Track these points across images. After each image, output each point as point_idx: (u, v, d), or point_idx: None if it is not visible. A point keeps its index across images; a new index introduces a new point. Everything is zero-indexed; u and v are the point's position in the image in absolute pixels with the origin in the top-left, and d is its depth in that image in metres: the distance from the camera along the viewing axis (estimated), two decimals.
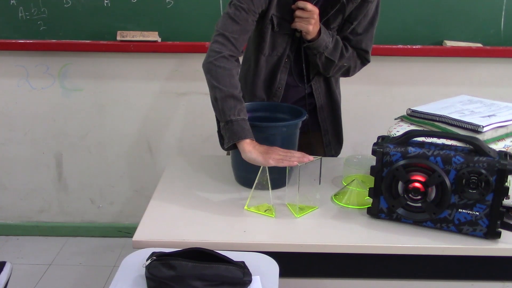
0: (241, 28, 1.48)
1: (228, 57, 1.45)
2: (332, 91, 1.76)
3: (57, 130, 2.58)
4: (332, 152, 1.83)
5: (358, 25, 1.62)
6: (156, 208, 1.41)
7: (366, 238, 1.27)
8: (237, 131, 1.37)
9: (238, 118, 1.37)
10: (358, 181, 1.45)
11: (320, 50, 1.58)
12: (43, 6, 2.30)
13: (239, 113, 1.38)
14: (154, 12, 2.30)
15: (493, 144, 1.33)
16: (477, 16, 2.29)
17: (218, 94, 1.41)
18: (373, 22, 1.64)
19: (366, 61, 1.71)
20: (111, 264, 2.52)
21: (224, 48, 1.46)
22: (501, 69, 2.42)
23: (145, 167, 2.66)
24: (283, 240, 1.26)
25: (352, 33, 1.63)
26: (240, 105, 1.40)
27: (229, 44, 1.46)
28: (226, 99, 1.39)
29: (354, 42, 1.65)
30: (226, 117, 1.38)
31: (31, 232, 2.77)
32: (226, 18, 1.49)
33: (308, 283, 1.32)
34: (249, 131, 1.38)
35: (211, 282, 1.04)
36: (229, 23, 1.48)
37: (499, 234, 1.23)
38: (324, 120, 1.78)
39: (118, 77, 2.48)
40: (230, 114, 1.38)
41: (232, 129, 1.37)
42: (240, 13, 1.48)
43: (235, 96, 1.40)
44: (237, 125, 1.37)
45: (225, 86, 1.41)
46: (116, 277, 1.10)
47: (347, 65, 1.66)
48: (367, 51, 1.68)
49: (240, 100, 1.41)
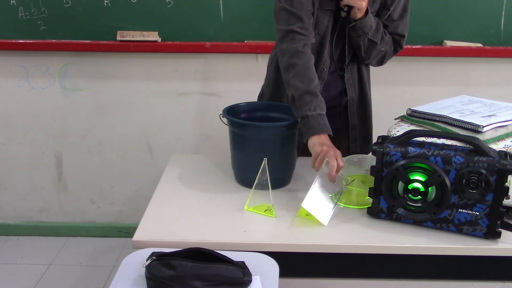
0: (302, 14, 1.48)
1: (302, 49, 1.46)
2: (363, 84, 1.74)
3: (57, 130, 2.58)
4: (358, 149, 1.78)
5: (394, 11, 1.62)
6: (156, 208, 1.41)
7: (366, 238, 1.27)
8: (313, 127, 1.39)
9: (314, 114, 1.40)
10: (358, 181, 1.45)
11: (365, 30, 1.56)
12: (43, 6, 2.30)
13: (315, 109, 1.40)
14: (154, 12, 2.30)
15: (493, 144, 1.33)
16: (477, 16, 2.29)
17: (294, 92, 1.44)
18: (406, 9, 1.64)
19: (399, 48, 1.71)
20: (111, 264, 2.52)
21: (294, 42, 1.47)
22: (501, 69, 2.42)
23: (145, 167, 2.66)
24: (283, 240, 1.26)
25: (388, 19, 1.64)
26: (316, 100, 1.41)
27: (299, 36, 1.47)
28: (303, 96, 1.42)
29: (391, 27, 1.65)
30: (303, 112, 1.41)
31: (31, 232, 2.77)
32: (284, 12, 1.49)
33: (308, 283, 1.32)
34: (325, 125, 1.40)
35: (211, 282, 1.04)
36: (289, 17, 1.49)
37: (499, 234, 1.23)
38: (352, 114, 1.75)
39: (118, 77, 2.48)
40: (306, 109, 1.40)
41: (309, 124, 1.40)
42: (291, 0, 1.48)
43: (311, 91, 1.42)
44: (314, 121, 1.39)
45: (301, 81, 1.43)
46: (116, 277, 1.10)
47: (384, 50, 1.66)
48: (403, 35, 1.68)
49: (316, 95, 1.42)
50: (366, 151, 1.80)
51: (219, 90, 2.48)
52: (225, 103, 1.64)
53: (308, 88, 1.42)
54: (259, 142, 1.46)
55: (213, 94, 2.49)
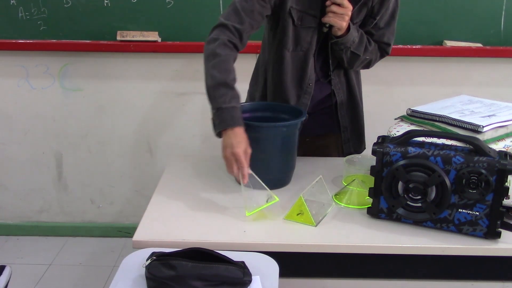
0: (244, 19, 1.47)
1: (227, 43, 1.44)
2: (351, 86, 1.73)
3: (57, 130, 2.58)
4: (351, 149, 1.78)
5: (380, 19, 1.61)
6: (156, 208, 1.41)
7: (366, 238, 1.27)
8: (225, 119, 1.36)
9: (228, 106, 1.37)
10: (358, 181, 1.45)
11: (347, 46, 1.56)
12: (43, 6, 2.30)
13: (230, 101, 1.38)
14: (154, 12, 2.30)
15: (493, 144, 1.33)
16: (477, 16, 2.29)
17: (209, 81, 1.41)
18: (394, 16, 1.63)
19: (386, 54, 1.70)
20: (111, 264, 2.52)
21: (222, 35, 1.45)
22: (501, 69, 2.42)
23: (145, 167, 2.66)
24: (283, 240, 1.26)
25: (375, 27, 1.63)
26: (231, 92, 1.39)
27: (228, 32, 1.46)
28: (218, 86, 1.39)
29: (377, 36, 1.65)
30: (217, 104, 1.38)
31: (31, 232, 2.77)
32: (231, 8, 1.49)
33: (308, 283, 1.32)
34: (238, 119, 1.37)
35: (211, 282, 1.04)
36: (232, 14, 1.48)
37: (499, 234, 1.23)
38: (343, 117, 1.75)
39: (118, 77, 2.48)
40: (220, 101, 1.38)
41: (222, 116, 1.37)
42: (247, 3, 1.47)
43: (227, 83, 1.39)
44: (227, 113, 1.37)
45: (219, 72, 1.40)
46: (116, 277, 1.10)
47: (369, 58, 1.66)
48: (389, 44, 1.67)
49: (231, 87, 1.40)
50: (359, 150, 1.81)
51: None
52: None
53: (224, 79, 1.39)
54: (259, 142, 1.46)
55: None
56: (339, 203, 1.43)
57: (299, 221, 1.32)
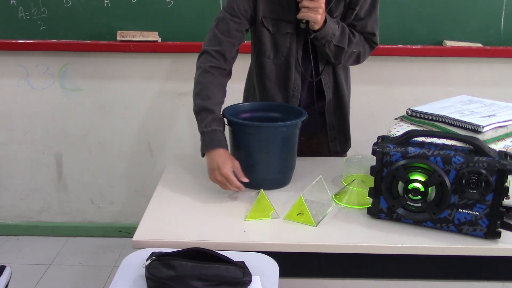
0: (222, 40, 1.54)
1: (208, 69, 1.53)
2: (339, 85, 1.73)
3: (57, 130, 2.58)
4: (337, 148, 1.80)
5: (360, 9, 1.61)
6: (156, 208, 1.41)
7: (366, 238, 1.27)
8: (207, 142, 1.45)
9: (209, 130, 1.45)
10: (358, 181, 1.45)
11: (328, 39, 1.56)
12: (43, 6, 2.30)
13: (210, 124, 1.45)
14: (154, 12, 2.30)
15: (493, 144, 1.33)
16: (477, 16, 2.29)
17: (194, 108, 1.51)
18: (374, 4, 1.63)
19: (374, 44, 1.69)
20: (111, 264, 2.52)
21: (204, 62, 1.54)
22: (501, 69, 2.42)
23: (145, 167, 2.66)
24: (283, 240, 1.26)
25: (356, 19, 1.63)
26: (211, 116, 1.46)
27: (209, 57, 1.54)
28: (200, 112, 1.49)
29: (359, 27, 1.64)
30: (200, 128, 1.47)
31: (31, 232, 2.77)
32: (210, 34, 1.58)
33: (308, 283, 1.32)
34: (219, 141, 1.44)
35: (211, 282, 1.04)
36: (211, 39, 1.56)
37: (499, 234, 1.23)
38: (330, 115, 1.76)
39: (118, 77, 2.48)
40: (202, 125, 1.47)
41: (204, 140, 1.46)
42: (222, 24, 1.55)
43: (207, 108, 1.47)
44: (208, 136, 1.45)
45: (201, 99, 1.49)
46: (116, 277, 1.10)
47: (356, 51, 1.65)
48: (373, 33, 1.67)
49: (211, 111, 1.47)
50: (346, 148, 1.84)
51: None
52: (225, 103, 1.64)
53: (204, 105, 1.48)
54: (259, 142, 1.46)
55: None
56: (339, 203, 1.43)
57: (299, 221, 1.33)
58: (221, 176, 1.40)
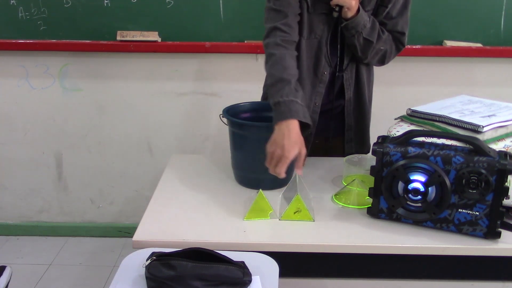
0: (288, 12, 1.51)
1: (279, 42, 1.49)
2: (361, 84, 1.72)
3: (57, 130, 2.58)
4: (352, 150, 1.77)
5: (392, 8, 1.60)
6: (156, 208, 1.41)
7: (366, 238, 1.27)
8: (283, 112, 1.38)
9: (286, 100, 1.39)
10: (358, 181, 1.45)
11: (358, 29, 1.55)
12: (43, 6, 2.30)
13: (288, 95, 1.40)
14: (154, 12, 2.30)
15: (493, 144, 1.33)
16: (477, 16, 2.29)
17: (269, 80, 1.46)
18: (406, 5, 1.62)
19: (401, 45, 1.68)
20: (111, 264, 2.52)
21: (273, 37, 1.50)
22: (501, 69, 2.42)
23: (145, 167, 2.66)
24: (283, 240, 1.26)
25: (387, 17, 1.62)
26: (288, 87, 1.41)
27: (278, 32, 1.50)
28: (276, 83, 1.43)
29: (390, 25, 1.63)
30: (276, 98, 1.41)
31: (31, 232, 2.77)
32: (270, 11, 1.53)
33: (308, 283, 1.32)
34: (297, 112, 1.38)
35: (211, 282, 1.04)
36: (273, 15, 1.52)
37: (499, 234, 1.23)
38: (349, 114, 1.74)
39: (118, 77, 2.48)
40: (278, 96, 1.40)
41: (280, 109, 1.39)
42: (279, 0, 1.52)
43: (284, 78, 1.43)
44: (285, 106, 1.38)
45: (276, 70, 1.45)
46: (116, 277, 1.10)
47: (383, 49, 1.64)
48: (403, 32, 1.65)
49: (288, 82, 1.42)
50: (361, 152, 1.78)
51: (219, 90, 2.48)
52: (225, 103, 1.64)
53: (281, 75, 1.43)
54: (259, 142, 1.46)
55: (213, 94, 2.49)
56: (339, 203, 1.43)
57: (296, 219, 1.33)
58: (281, 154, 1.32)
